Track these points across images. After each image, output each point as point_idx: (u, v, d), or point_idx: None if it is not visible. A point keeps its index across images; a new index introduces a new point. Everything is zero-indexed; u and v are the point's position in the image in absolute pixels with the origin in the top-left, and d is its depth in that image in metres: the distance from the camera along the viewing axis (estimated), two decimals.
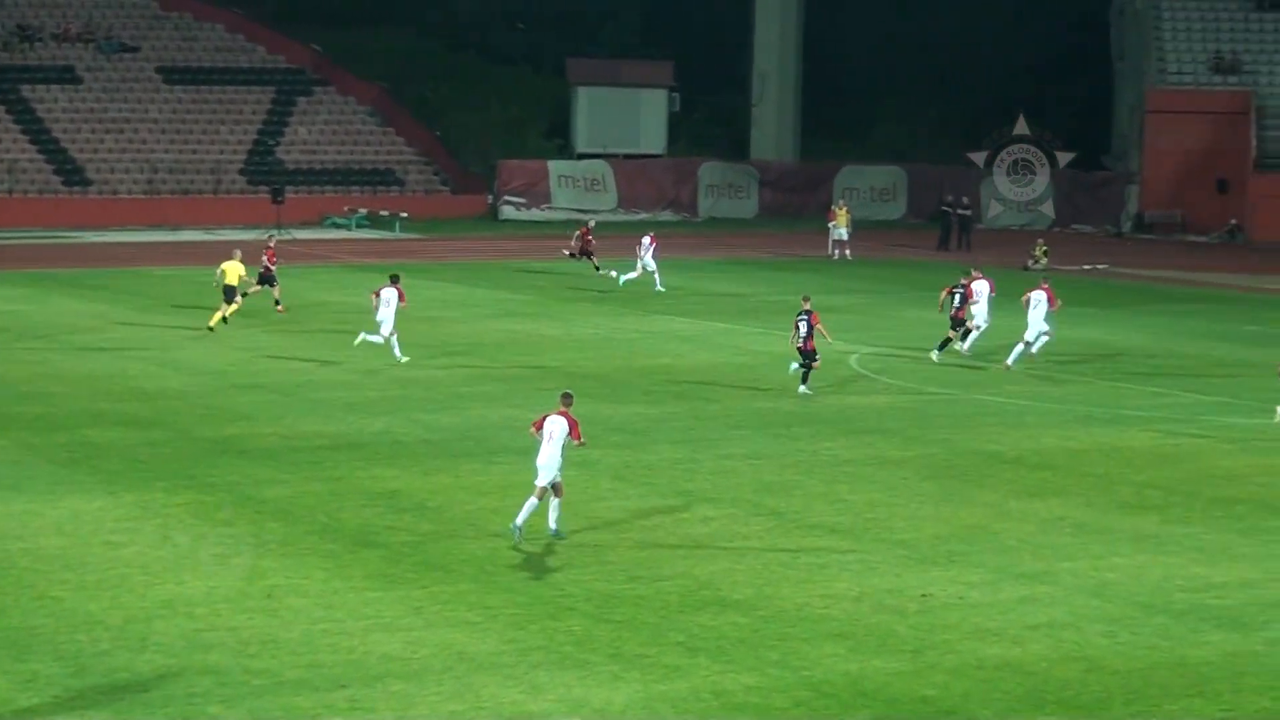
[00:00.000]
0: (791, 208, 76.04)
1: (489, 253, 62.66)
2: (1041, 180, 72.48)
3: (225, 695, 17.17)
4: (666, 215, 75.28)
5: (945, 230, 67.51)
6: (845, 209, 63.60)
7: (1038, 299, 38.07)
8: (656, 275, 50.92)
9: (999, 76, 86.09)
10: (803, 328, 33.99)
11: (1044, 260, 60.53)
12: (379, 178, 75.19)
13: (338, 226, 69.99)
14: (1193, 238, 71.20)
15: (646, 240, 51.57)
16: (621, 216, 74.76)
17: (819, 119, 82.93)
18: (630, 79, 78.59)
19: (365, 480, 26.31)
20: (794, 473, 27.34)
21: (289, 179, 72.08)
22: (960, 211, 67.58)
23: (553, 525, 22.91)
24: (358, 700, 17.16)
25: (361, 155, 75.94)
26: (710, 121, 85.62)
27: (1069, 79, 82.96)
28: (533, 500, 22.80)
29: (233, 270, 41.34)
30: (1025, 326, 37.94)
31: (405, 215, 69.84)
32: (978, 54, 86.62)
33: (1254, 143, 71.88)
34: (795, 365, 34.44)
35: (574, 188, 75.75)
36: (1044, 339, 38.25)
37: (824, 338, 34.48)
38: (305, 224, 68.83)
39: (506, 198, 74.64)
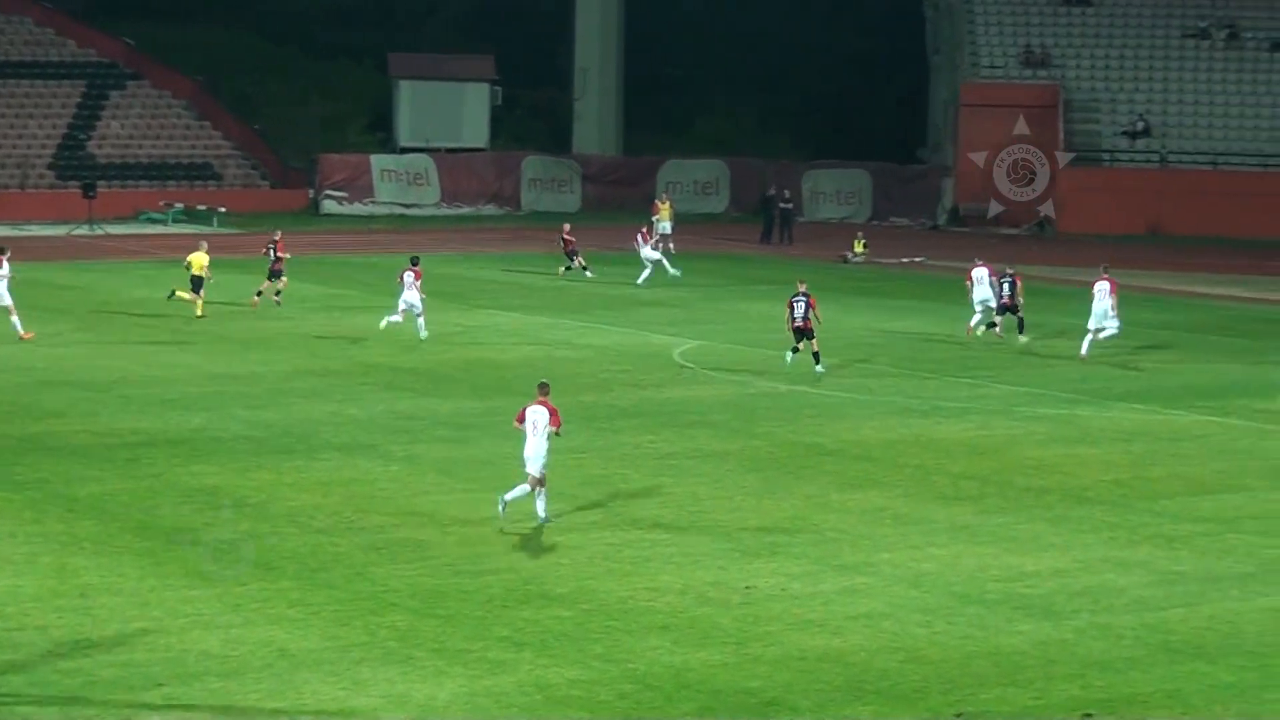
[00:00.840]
0: (615, 201, 76.15)
1: (310, 246, 61.93)
2: (1042, 180, 72.55)
3: (36, 695, 16.80)
4: (490, 209, 75.03)
5: (768, 223, 68.13)
6: (668, 202, 63.83)
7: (1101, 288, 38.78)
8: (664, 262, 52.17)
9: (820, 70, 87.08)
10: (799, 308, 35.29)
11: (863, 253, 61.29)
12: (195, 172, 73.97)
13: (153, 221, 68.76)
14: (1005, 230, 72.46)
15: (641, 239, 52.21)
16: (445, 210, 74.42)
17: (641, 113, 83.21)
18: (452, 73, 78.18)
19: (183, 477, 25.90)
20: (618, 466, 27.41)
21: (101, 173, 70.64)
22: (783, 205, 68.22)
23: (541, 513, 23.35)
24: (175, 698, 16.89)
25: (178, 149, 74.62)
26: (532, 115, 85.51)
27: (887, 72, 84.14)
28: (524, 487, 23.27)
29: (198, 261, 42.17)
30: (1089, 315, 38.93)
31: (224, 210, 68.80)
32: (799, 48, 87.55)
33: (1062, 136, 73.33)
34: (791, 356, 35.40)
35: (397, 181, 75.24)
36: (1110, 329, 39.06)
37: (816, 319, 35.50)
38: (119, 219, 67.54)
39: (328, 192, 73.89)
